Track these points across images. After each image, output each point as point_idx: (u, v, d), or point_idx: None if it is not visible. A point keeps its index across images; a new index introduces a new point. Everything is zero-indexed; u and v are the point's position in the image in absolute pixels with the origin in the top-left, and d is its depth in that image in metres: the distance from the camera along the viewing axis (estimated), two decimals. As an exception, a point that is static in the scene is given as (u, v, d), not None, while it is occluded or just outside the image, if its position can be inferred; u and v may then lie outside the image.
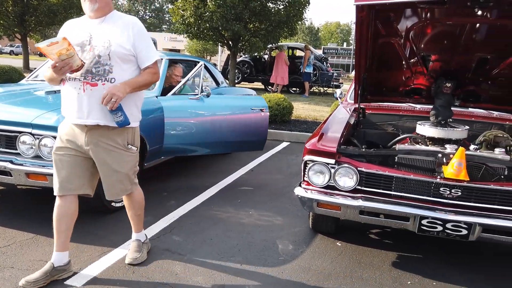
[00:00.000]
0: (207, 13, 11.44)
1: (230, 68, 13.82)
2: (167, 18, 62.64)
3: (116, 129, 2.48)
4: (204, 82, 5.14)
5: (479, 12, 2.89)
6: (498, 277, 3.00)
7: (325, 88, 15.43)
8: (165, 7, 60.41)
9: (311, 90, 15.60)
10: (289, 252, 3.18)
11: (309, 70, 14.24)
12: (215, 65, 22.23)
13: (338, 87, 14.61)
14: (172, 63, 4.72)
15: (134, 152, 2.65)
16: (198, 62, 5.49)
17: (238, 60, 16.09)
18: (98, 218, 3.52)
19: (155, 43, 20.28)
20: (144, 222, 3.03)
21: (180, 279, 2.69)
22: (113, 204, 3.59)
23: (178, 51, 40.11)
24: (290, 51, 17.39)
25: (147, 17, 71.23)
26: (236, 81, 14.68)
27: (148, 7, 71.19)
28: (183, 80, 4.62)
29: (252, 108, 4.84)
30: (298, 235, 3.50)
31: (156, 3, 70.47)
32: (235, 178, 4.98)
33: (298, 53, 17.46)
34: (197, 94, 4.51)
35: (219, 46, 22.76)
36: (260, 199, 4.30)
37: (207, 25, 11.76)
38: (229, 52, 14.11)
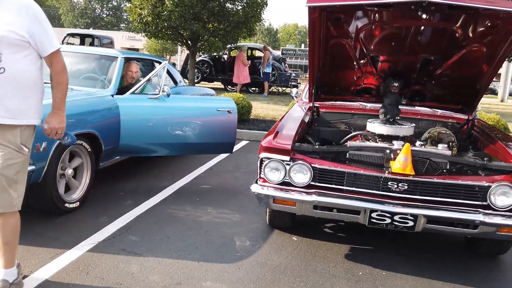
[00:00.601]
0: (165, 12, 11.25)
1: (189, 67, 13.66)
2: (125, 17, 61.09)
3: (7, 125, 2.13)
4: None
5: (423, 16, 3.03)
6: (443, 265, 3.15)
7: (284, 88, 15.61)
8: (122, 5, 58.86)
9: (270, 90, 15.73)
10: (246, 248, 3.20)
11: (268, 70, 14.35)
12: (174, 64, 21.80)
13: (296, 87, 14.81)
14: (127, 61, 4.59)
15: (25, 154, 2.23)
16: (157, 61, 5.42)
17: (197, 59, 15.94)
18: (50, 219, 3.39)
19: (112, 42, 19.80)
20: (99, 222, 2.95)
21: (136, 278, 2.65)
22: (66, 205, 3.47)
23: (137, 50, 39.22)
24: (250, 51, 17.44)
25: (104, 16, 69.17)
26: (195, 80, 14.55)
27: (105, 5, 69.09)
28: (144, 79, 4.50)
29: (218, 109, 4.59)
30: (256, 231, 3.52)
31: (113, 1, 68.53)
32: (193, 177, 4.95)
33: (258, 53, 17.53)
34: (157, 94, 4.36)
35: (179, 46, 22.45)
36: (219, 197, 4.29)
37: (165, 24, 11.57)
38: (188, 52, 13.96)
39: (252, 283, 2.72)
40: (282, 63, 17.24)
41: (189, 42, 12.88)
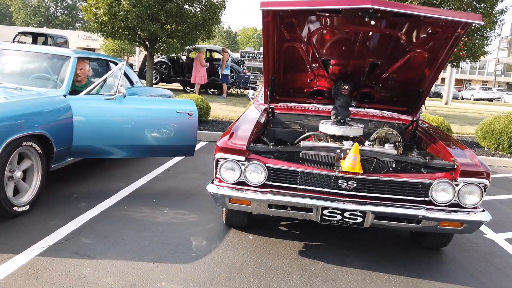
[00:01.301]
0: (122, 12, 10.98)
1: (147, 68, 13.40)
2: (80, 16, 58.90)
3: None
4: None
5: (370, 22, 3.14)
6: (390, 258, 3.28)
7: (242, 90, 15.66)
8: (78, 4, 56.78)
9: (229, 91, 15.73)
10: (202, 248, 3.18)
11: (227, 72, 14.34)
12: (132, 65, 21.26)
13: (254, 89, 14.91)
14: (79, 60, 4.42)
15: None
16: (113, 61, 5.27)
17: (156, 60, 15.67)
18: (-2, 224, 3.22)
19: (66, 42, 19.05)
20: (50, 225, 2.84)
21: (88, 282, 2.57)
22: (15, 208, 3.31)
23: (94, 50, 37.96)
24: (209, 53, 17.35)
25: (59, 14, 66.40)
26: (154, 81, 14.29)
27: (59, 4, 66.33)
28: (99, 80, 4.35)
29: (178, 111, 4.42)
30: (212, 231, 3.51)
31: (68, 0, 65.93)
32: (150, 178, 4.86)
33: (217, 55, 17.47)
34: (113, 95, 4.21)
35: (136, 46, 21.95)
36: (176, 198, 4.24)
37: (122, 24, 11.29)
38: (146, 53, 13.69)
39: (208, 282, 2.71)
40: (241, 65, 17.29)
41: (146, 43, 12.65)
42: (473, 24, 2.96)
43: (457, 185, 2.83)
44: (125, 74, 5.51)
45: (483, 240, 3.82)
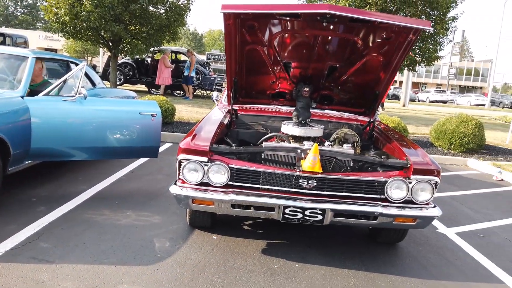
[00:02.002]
0: (84, 12, 10.64)
1: (111, 69, 13.06)
2: (41, 16, 56.65)
3: None
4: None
5: (328, 27, 3.21)
6: (349, 254, 3.36)
7: (208, 92, 15.58)
8: (38, 3, 54.58)
9: (195, 93, 15.60)
10: (165, 249, 3.14)
11: (192, 74, 14.16)
12: (95, 66, 20.70)
13: (220, 91, 14.86)
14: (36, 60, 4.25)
15: None
16: (73, 62, 5.10)
17: (120, 62, 15.31)
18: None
19: (26, 42, 18.27)
20: (7, 230, 2.72)
21: (46, 286, 2.48)
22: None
23: (55, 51, 36.63)
24: (174, 55, 17.14)
25: (19, 14, 63.58)
26: (118, 83, 13.95)
27: (19, 3, 63.53)
28: (59, 81, 4.19)
29: (140, 113, 4.32)
30: (176, 232, 3.47)
31: (28, -1, 63.26)
32: (113, 180, 4.74)
33: (183, 57, 17.28)
34: (73, 96, 4.07)
35: (100, 47, 21.36)
36: (139, 200, 4.16)
37: (84, 25, 10.94)
38: (109, 54, 13.35)
39: (170, 283, 2.67)
40: (207, 67, 17.19)
41: (110, 44, 12.33)
42: (424, 30, 3.08)
43: (410, 182, 2.94)
44: (87, 75, 5.36)
45: (435, 235, 3.98)
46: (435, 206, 3.02)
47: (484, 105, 36.39)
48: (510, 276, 3.24)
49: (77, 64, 4.92)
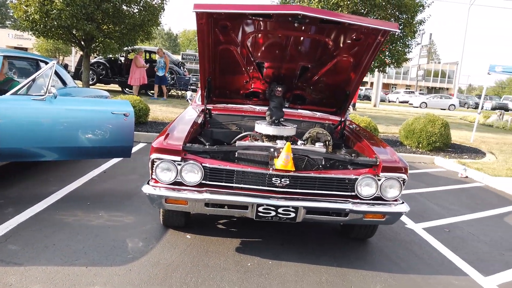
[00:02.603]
0: (55, 10, 10.34)
1: (83, 69, 12.74)
2: (11, 14, 54.66)
3: None
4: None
5: (300, 27, 3.24)
6: (321, 251, 3.40)
7: (183, 92, 15.43)
8: (8, 1, 52.63)
9: (169, 93, 15.42)
10: (138, 249, 3.09)
11: (161, 74, 13.81)
12: (66, 65, 20.18)
13: (195, 91, 14.74)
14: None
15: None
16: (43, 61, 4.95)
17: (93, 61, 14.97)
18: None
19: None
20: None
21: (14, 290, 2.39)
22: None
23: (26, 49, 35.41)
24: (148, 54, 16.88)
25: (-14, 11, 61.08)
26: (90, 82, 13.63)
27: (-13, 0, 61.05)
28: (28, 79, 4.04)
29: (113, 112, 4.24)
30: (149, 232, 3.42)
31: (-3, -4, 60.85)
32: (85, 180, 4.63)
33: (158, 57, 17.02)
34: (43, 95, 3.94)
35: (72, 46, 20.80)
36: (112, 200, 4.08)
37: (55, 23, 10.63)
38: (82, 53, 13.02)
39: (143, 283, 2.63)
40: (182, 67, 17.01)
41: (82, 43, 12.03)
42: (392, 32, 3.14)
43: (379, 180, 3.00)
44: (57, 74, 5.22)
45: (404, 230, 4.08)
46: (403, 203, 3.09)
47: (407, 101, 36.79)
48: (473, 269, 3.36)
49: (47, 63, 4.78)
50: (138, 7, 12.20)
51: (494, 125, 17.32)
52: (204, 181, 2.96)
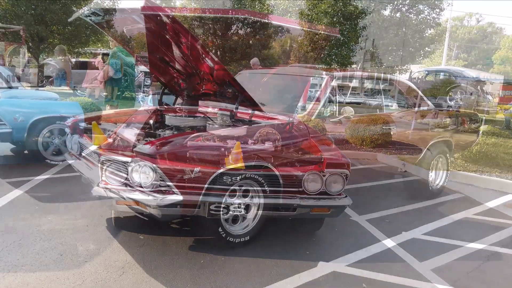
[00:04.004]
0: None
1: (32, 70, 12.05)
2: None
3: None
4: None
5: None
6: (273, 245, 3.42)
7: (137, 94, 15.01)
8: None
9: (123, 95, 14.93)
10: (90, 252, 2.97)
11: (116, 76, 13.35)
12: (13, 67, 18.98)
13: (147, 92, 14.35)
14: None
15: None
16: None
17: (42, 62, 14.18)
18: None
19: None
20: None
21: (-46, 301, 2.22)
22: None
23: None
24: (102, 56, 16.24)
25: None
26: (39, 84, 12.91)
27: None
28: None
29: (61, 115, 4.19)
30: (101, 234, 3.30)
31: None
32: (35, 183, 4.38)
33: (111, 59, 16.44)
34: None
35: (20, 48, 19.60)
36: (63, 204, 3.89)
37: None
38: (29, 54, 12.32)
39: (95, 286, 2.53)
40: (135, 69, 16.55)
41: (30, 44, 11.38)
42: (335, 37, 3.24)
43: (324, 175, 3.09)
44: (1, 76, 4.90)
45: (349, 222, 4.22)
46: (346, 196, 3.21)
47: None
48: (409, 254, 3.53)
49: (-11, 64, 4.47)
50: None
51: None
52: (155, 182, 2.89)
